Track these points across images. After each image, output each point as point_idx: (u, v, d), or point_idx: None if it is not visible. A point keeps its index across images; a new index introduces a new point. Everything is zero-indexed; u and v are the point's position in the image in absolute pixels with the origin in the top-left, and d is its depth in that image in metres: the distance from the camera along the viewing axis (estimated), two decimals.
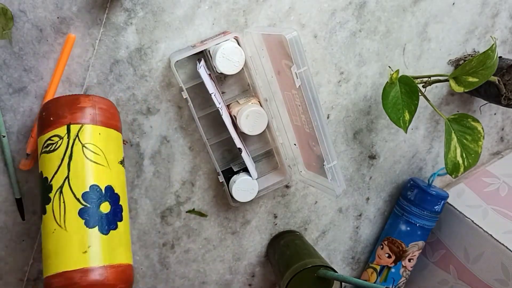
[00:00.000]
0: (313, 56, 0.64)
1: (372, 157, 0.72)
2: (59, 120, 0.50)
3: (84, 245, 0.48)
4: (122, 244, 0.52)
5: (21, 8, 0.53)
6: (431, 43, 0.69)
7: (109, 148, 0.52)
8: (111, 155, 0.52)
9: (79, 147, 0.50)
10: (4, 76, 0.55)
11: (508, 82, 0.66)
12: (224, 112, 0.59)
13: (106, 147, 0.52)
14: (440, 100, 0.73)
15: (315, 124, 0.54)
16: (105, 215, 0.50)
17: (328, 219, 0.74)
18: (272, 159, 0.67)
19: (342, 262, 0.78)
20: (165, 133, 0.62)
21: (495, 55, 0.57)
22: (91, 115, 0.51)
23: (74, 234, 0.48)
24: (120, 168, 0.54)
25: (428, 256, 0.76)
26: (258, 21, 0.61)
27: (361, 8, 0.64)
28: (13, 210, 0.60)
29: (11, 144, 0.57)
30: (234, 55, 0.56)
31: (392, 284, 0.74)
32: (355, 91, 0.68)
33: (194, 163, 0.64)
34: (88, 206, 0.49)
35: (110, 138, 0.53)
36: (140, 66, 0.58)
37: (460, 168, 0.62)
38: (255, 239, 0.71)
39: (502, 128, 0.79)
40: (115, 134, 0.54)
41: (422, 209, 0.70)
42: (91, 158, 0.50)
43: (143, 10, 0.56)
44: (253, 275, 0.73)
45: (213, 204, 0.67)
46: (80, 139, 0.50)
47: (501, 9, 0.71)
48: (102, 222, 0.49)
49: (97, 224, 0.49)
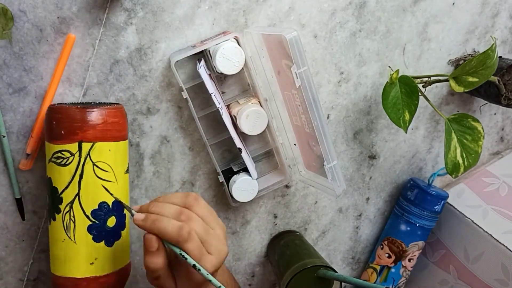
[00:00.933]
0: (313, 56, 0.64)
1: (372, 157, 0.72)
2: (71, 137, 0.50)
3: (91, 257, 0.52)
4: (124, 250, 0.56)
5: (21, 8, 0.53)
6: (431, 43, 0.69)
7: (118, 161, 0.53)
8: (118, 168, 0.53)
9: (90, 165, 0.51)
10: (4, 76, 0.55)
11: (508, 82, 0.66)
12: (224, 112, 0.59)
13: (115, 162, 0.53)
14: (440, 100, 0.73)
15: (315, 124, 0.54)
16: (111, 229, 0.53)
17: (328, 219, 0.74)
18: (272, 159, 0.67)
19: (342, 262, 0.78)
20: (165, 133, 0.62)
21: (495, 55, 0.57)
22: (102, 132, 0.51)
23: (82, 247, 0.52)
24: (125, 178, 0.55)
25: (428, 256, 0.76)
26: (258, 21, 0.61)
27: (361, 8, 0.64)
28: (13, 210, 0.60)
29: (11, 144, 0.57)
30: (234, 55, 0.56)
31: (392, 284, 0.74)
32: (355, 91, 0.68)
33: (194, 163, 0.64)
34: (97, 223, 0.52)
35: (119, 151, 0.54)
36: (140, 66, 0.58)
37: (460, 168, 0.62)
38: (255, 239, 0.71)
39: (502, 128, 0.79)
40: (123, 145, 0.54)
41: (422, 209, 0.70)
42: (101, 177, 0.52)
43: (143, 10, 0.56)
44: (253, 275, 0.73)
45: (213, 204, 0.67)
46: (91, 158, 0.51)
47: (501, 9, 0.71)
48: (108, 236, 0.53)
49: (103, 239, 0.52)
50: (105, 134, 0.52)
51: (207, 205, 0.48)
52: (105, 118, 0.52)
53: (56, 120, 0.51)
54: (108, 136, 0.52)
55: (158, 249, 0.45)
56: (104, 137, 0.52)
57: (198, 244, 0.44)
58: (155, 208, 0.46)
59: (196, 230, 0.45)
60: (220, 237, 0.47)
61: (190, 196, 0.47)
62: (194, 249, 0.44)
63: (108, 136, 0.52)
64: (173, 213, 0.45)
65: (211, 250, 0.46)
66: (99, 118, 0.51)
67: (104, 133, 0.52)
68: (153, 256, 0.45)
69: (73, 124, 0.50)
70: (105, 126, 0.51)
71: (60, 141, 0.51)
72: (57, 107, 0.52)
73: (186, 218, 0.45)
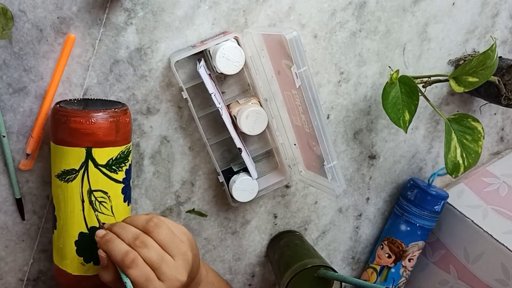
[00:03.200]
0: (313, 56, 0.64)
1: (372, 157, 0.72)
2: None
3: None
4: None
5: (21, 8, 0.53)
6: (431, 43, 0.69)
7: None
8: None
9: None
10: (4, 76, 0.55)
11: (508, 82, 0.66)
12: (224, 112, 0.59)
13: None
14: (440, 100, 0.73)
15: (315, 124, 0.54)
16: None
17: (328, 219, 0.74)
18: (272, 159, 0.67)
19: (342, 262, 0.78)
20: (165, 133, 0.62)
21: (495, 55, 0.57)
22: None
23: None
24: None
25: (428, 256, 0.76)
26: (258, 21, 0.61)
27: (361, 8, 0.64)
28: (13, 210, 0.60)
29: (11, 144, 0.57)
30: (234, 55, 0.56)
31: (392, 284, 0.74)
32: (355, 91, 0.68)
33: (194, 163, 0.64)
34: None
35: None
36: (140, 66, 0.58)
37: (460, 168, 0.62)
38: (255, 239, 0.71)
39: (502, 128, 0.79)
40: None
41: (422, 209, 0.70)
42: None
43: (143, 10, 0.56)
44: (253, 275, 0.73)
45: (213, 204, 0.67)
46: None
47: (501, 9, 0.71)
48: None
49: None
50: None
51: (170, 231, 0.49)
52: (117, 137, 0.53)
53: (65, 132, 0.52)
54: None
55: (108, 266, 0.47)
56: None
57: (143, 271, 0.46)
58: (116, 229, 0.49)
59: (147, 257, 0.46)
60: (177, 266, 0.47)
61: (152, 221, 0.48)
62: (138, 275, 0.45)
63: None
64: (129, 238, 0.47)
65: (163, 278, 0.46)
66: (111, 135, 0.52)
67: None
68: (103, 270, 0.48)
69: (81, 142, 0.51)
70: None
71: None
72: (72, 118, 0.52)
73: (140, 243, 0.47)
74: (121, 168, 0.53)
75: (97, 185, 0.52)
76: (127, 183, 0.55)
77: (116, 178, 0.53)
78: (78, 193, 0.52)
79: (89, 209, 0.52)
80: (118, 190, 0.54)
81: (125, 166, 0.54)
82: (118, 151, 0.53)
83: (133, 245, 0.47)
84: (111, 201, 0.53)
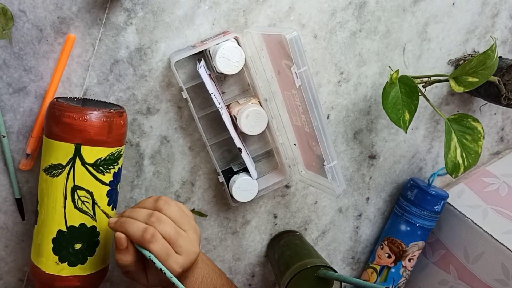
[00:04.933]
0: (313, 56, 0.64)
1: (372, 157, 0.72)
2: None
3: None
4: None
5: (21, 8, 0.53)
6: (431, 43, 0.69)
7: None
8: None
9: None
10: (4, 76, 0.55)
11: (508, 82, 0.66)
12: (224, 112, 0.59)
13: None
14: (440, 100, 0.73)
15: (315, 124, 0.54)
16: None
17: (328, 219, 0.74)
18: (272, 159, 0.67)
19: (342, 262, 0.78)
20: (165, 133, 0.62)
21: (495, 55, 0.57)
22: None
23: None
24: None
25: (428, 256, 0.76)
26: (258, 21, 0.61)
27: (361, 8, 0.64)
28: (13, 210, 0.60)
29: (11, 144, 0.57)
30: (234, 55, 0.56)
31: (392, 284, 0.74)
32: (355, 91, 0.68)
33: (194, 163, 0.64)
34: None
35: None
36: (140, 66, 0.58)
37: (460, 168, 0.62)
38: (255, 239, 0.71)
39: (502, 128, 0.79)
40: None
41: (422, 209, 0.70)
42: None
43: (143, 10, 0.56)
44: (253, 275, 0.73)
45: (213, 204, 0.67)
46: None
47: (501, 9, 0.71)
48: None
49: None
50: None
51: (180, 207, 0.50)
52: (109, 137, 0.52)
53: (58, 131, 0.51)
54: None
55: (127, 248, 0.48)
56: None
57: (163, 245, 0.47)
58: (128, 213, 0.50)
59: (164, 232, 0.47)
60: (191, 239, 0.49)
61: (161, 200, 0.50)
62: (159, 249, 0.46)
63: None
64: (143, 216, 0.48)
65: (180, 251, 0.48)
66: (107, 137, 0.52)
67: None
68: (122, 253, 0.48)
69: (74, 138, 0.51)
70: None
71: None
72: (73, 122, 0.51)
73: (155, 219, 0.48)
74: (109, 170, 0.53)
75: (81, 183, 0.51)
76: (114, 187, 0.54)
77: (102, 180, 0.52)
78: (62, 189, 0.51)
79: (71, 207, 0.51)
80: (103, 192, 0.53)
81: (113, 169, 0.53)
82: (107, 152, 0.52)
83: (149, 222, 0.48)
84: (97, 202, 0.52)
